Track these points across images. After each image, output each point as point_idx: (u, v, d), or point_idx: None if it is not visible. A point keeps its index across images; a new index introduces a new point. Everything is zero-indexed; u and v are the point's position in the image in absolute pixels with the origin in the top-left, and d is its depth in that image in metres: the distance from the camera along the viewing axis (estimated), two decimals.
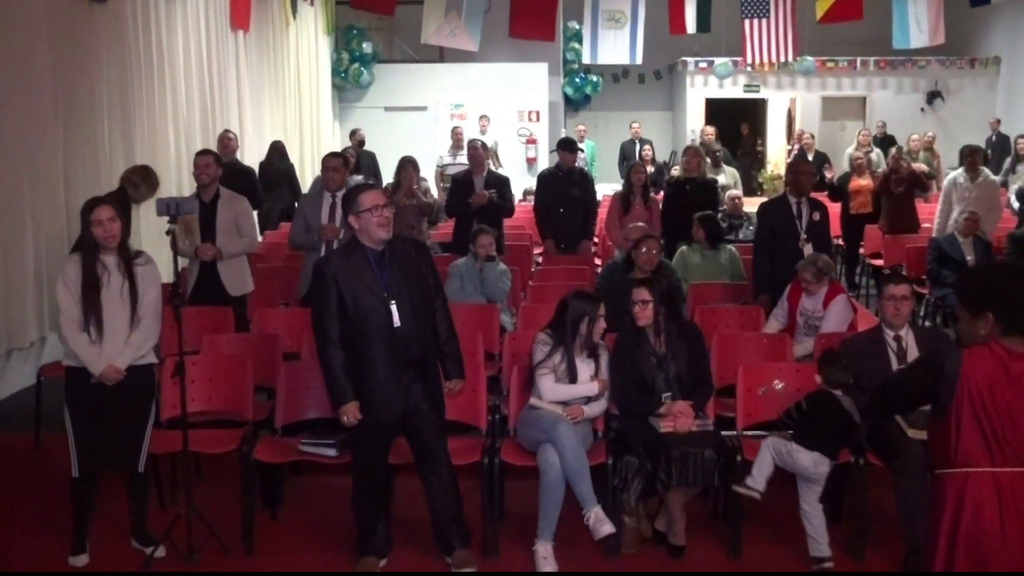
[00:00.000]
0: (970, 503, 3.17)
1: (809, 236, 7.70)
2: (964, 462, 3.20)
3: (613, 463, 5.42)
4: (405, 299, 5.01)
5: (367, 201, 4.98)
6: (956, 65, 20.76)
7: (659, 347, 5.71)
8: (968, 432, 3.19)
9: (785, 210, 7.82)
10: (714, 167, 13.02)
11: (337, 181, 7.73)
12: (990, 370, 3.19)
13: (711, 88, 20.54)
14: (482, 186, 9.69)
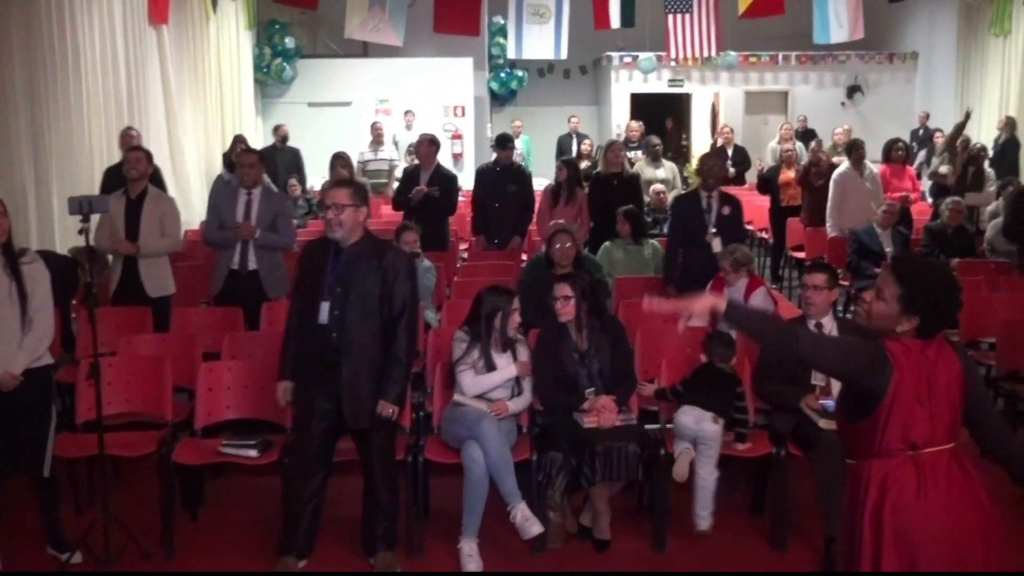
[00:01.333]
0: (893, 487, 3.22)
1: (718, 230, 7.76)
2: (887, 452, 3.24)
3: (538, 459, 5.41)
4: (343, 301, 4.97)
5: (328, 198, 5.09)
6: (875, 60, 21.09)
7: (581, 343, 5.72)
8: (895, 422, 3.22)
9: (695, 204, 7.90)
10: (653, 161, 13.07)
11: (253, 177, 7.60)
12: (914, 357, 3.24)
13: (636, 83, 20.63)
14: (427, 181, 9.65)
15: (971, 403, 3.32)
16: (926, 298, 3.25)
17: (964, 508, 3.23)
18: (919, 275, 3.29)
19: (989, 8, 17.83)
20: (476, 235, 10.14)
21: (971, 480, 3.28)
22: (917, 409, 3.22)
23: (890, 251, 9.54)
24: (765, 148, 16.30)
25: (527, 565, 5.34)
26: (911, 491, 3.21)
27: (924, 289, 3.26)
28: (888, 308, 3.28)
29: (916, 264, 3.38)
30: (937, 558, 3.19)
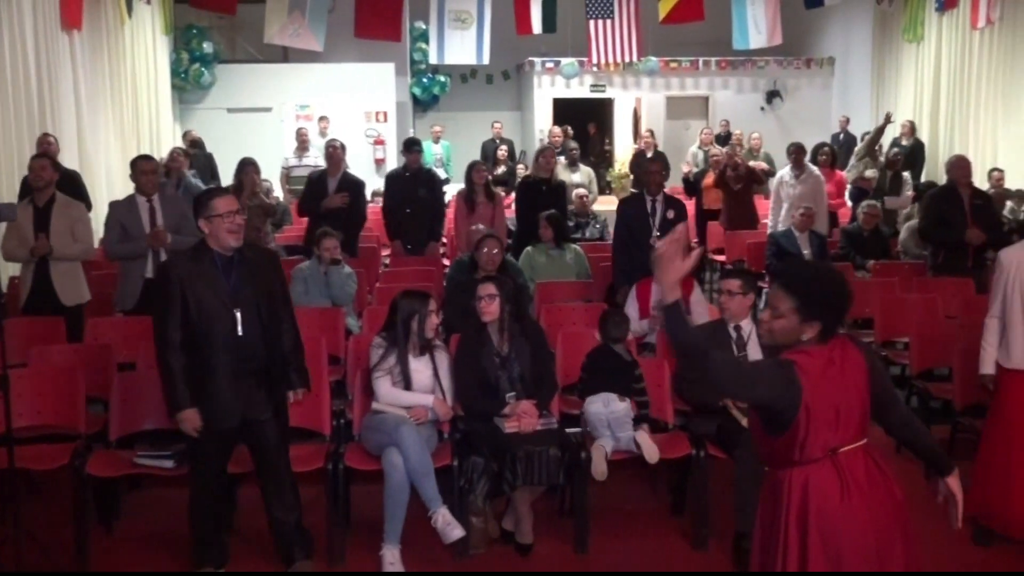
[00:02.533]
0: (816, 492, 3.26)
1: (662, 233, 7.80)
2: (808, 459, 3.27)
3: (459, 464, 5.40)
4: (251, 307, 4.90)
5: (220, 206, 4.87)
6: (793, 65, 21.40)
7: (502, 347, 5.71)
8: (814, 432, 3.25)
9: (639, 207, 7.93)
10: (570, 166, 13.11)
11: (153, 185, 7.47)
12: (823, 371, 3.27)
13: (558, 88, 20.70)
14: (335, 187, 9.57)
15: (877, 394, 3.38)
16: (821, 302, 3.30)
17: (883, 503, 3.30)
18: (808, 283, 3.33)
19: (902, 15, 18.20)
20: (391, 241, 10.08)
21: (885, 475, 3.35)
22: (832, 414, 3.26)
23: (807, 253, 9.70)
24: (687, 152, 16.45)
25: (450, 570, 5.32)
26: (835, 494, 3.25)
27: (817, 294, 3.30)
28: (788, 322, 3.32)
29: (801, 273, 3.42)
30: (863, 556, 3.24)
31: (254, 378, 4.95)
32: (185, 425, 4.88)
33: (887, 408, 3.45)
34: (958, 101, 16.82)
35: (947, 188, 8.62)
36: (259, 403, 4.98)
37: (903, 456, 6.65)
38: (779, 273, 3.44)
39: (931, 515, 5.70)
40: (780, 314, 3.32)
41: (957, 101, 16.86)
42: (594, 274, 8.65)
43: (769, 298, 3.38)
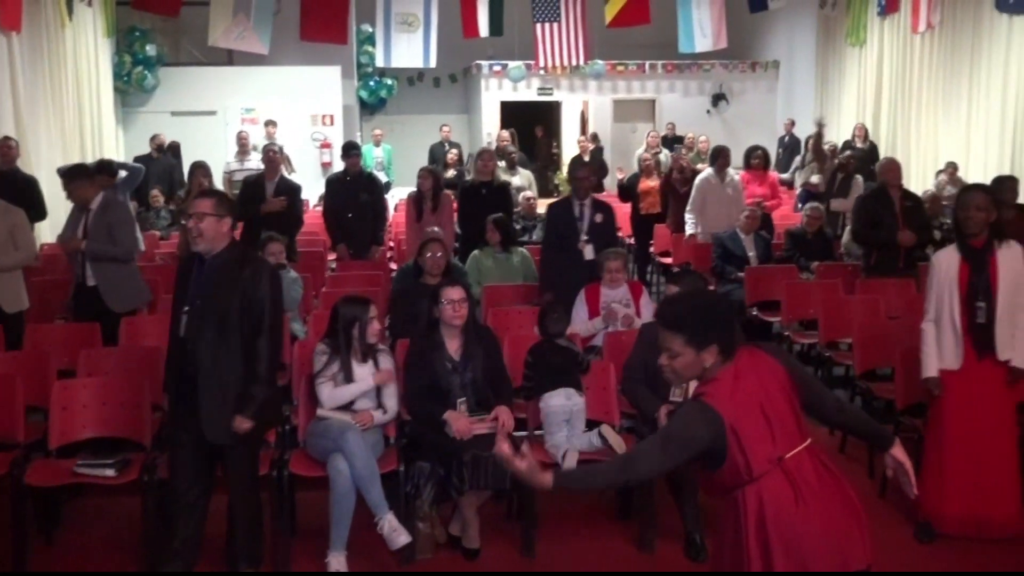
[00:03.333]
0: (771, 502, 3.25)
1: (591, 237, 7.83)
2: (756, 474, 3.27)
3: (405, 469, 5.38)
4: (202, 312, 4.83)
5: (190, 208, 4.95)
6: (738, 68, 21.60)
7: (456, 352, 5.69)
8: (753, 451, 3.25)
9: (567, 212, 7.95)
10: (509, 169, 13.12)
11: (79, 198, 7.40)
12: (735, 387, 3.27)
13: (505, 91, 20.74)
14: (273, 192, 9.50)
15: (803, 391, 3.39)
16: (707, 327, 3.30)
17: (837, 502, 3.31)
18: (687, 314, 3.34)
19: (845, 19, 18.44)
20: (336, 246, 10.04)
21: (835, 474, 3.37)
22: (763, 426, 3.26)
23: (752, 255, 9.77)
24: (633, 155, 16.53)
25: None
26: (790, 501, 3.25)
27: (700, 321, 3.31)
28: (686, 357, 3.31)
29: (677, 308, 3.41)
30: (826, 557, 3.24)
31: (206, 388, 4.87)
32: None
33: (817, 401, 3.47)
34: (900, 104, 17.07)
35: (878, 191, 8.73)
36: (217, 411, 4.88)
37: (847, 456, 6.77)
38: (659, 315, 3.43)
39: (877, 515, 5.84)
40: (676, 353, 3.32)
41: (899, 104, 17.10)
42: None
43: (660, 343, 3.36)
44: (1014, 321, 5.41)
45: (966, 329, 5.38)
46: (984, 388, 5.41)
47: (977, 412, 5.41)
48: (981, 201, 5.42)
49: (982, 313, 5.35)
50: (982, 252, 5.41)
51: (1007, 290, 5.37)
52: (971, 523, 5.45)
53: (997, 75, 14.46)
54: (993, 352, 5.39)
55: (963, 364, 5.41)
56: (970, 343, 5.39)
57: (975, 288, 5.36)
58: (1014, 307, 5.40)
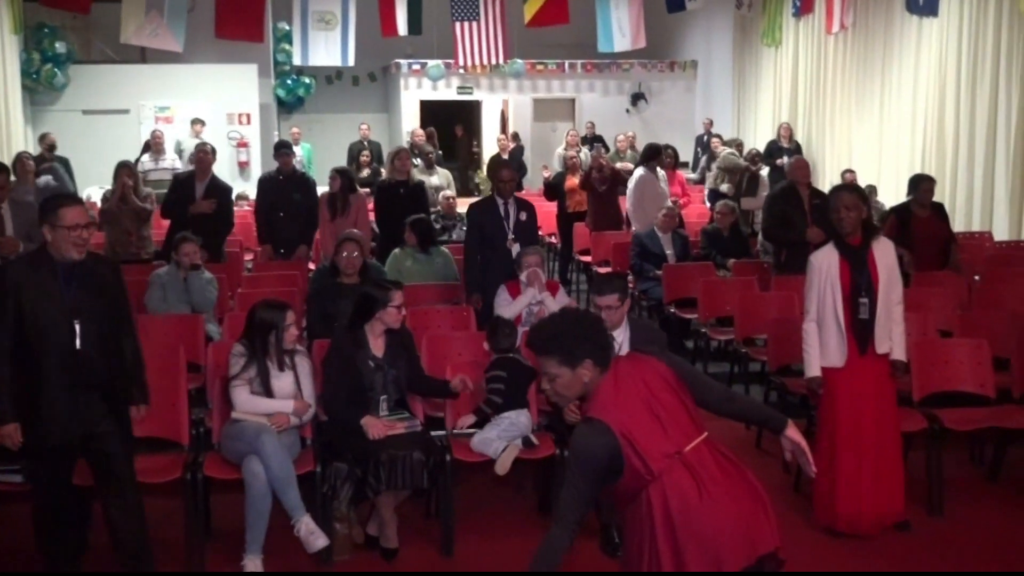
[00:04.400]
0: (674, 496, 3.29)
1: (516, 236, 7.83)
2: (657, 473, 3.30)
3: (322, 470, 5.33)
4: (91, 320, 4.68)
5: (68, 218, 4.60)
6: (657, 68, 21.77)
7: (379, 351, 5.66)
8: (648, 452, 3.29)
9: (492, 211, 7.92)
10: (427, 168, 13.09)
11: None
12: (617, 393, 3.34)
13: (425, 90, 20.67)
14: (203, 192, 9.38)
15: (690, 385, 3.47)
16: (576, 344, 3.37)
17: (741, 489, 3.37)
18: (554, 335, 3.42)
19: (761, 19, 18.70)
20: (262, 245, 9.93)
21: (735, 462, 3.44)
22: (654, 426, 3.32)
23: (670, 253, 9.87)
24: (554, 155, 16.59)
25: None
26: (693, 493, 3.29)
27: (569, 340, 3.38)
28: (564, 377, 3.38)
29: (544, 332, 3.48)
30: (736, 543, 3.29)
31: (95, 391, 4.74)
32: (4, 441, 4.62)
33: (705, 394, 3.53)
34: (815, 104, 17.36)
35: (787, 189, 8.86)
36: (100, 416, 4.76)
37: (763, 451, 6.87)
38: (529, 343, 3.52)
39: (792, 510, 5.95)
40: (553, 376, 3.39)
41: (814, 104, 17.39)
42: (461, 276, 8.63)
43: (540, 369, 3.46)
44: (890, 315, 5.56)
45: (849, 326, 5.48)
46: (868, 383, 5.53)
47: (862, 408, 5.51)
48: (849, 201, 5.56)
49: (865, 309, 5.47)
50: (860, 250, 5.53)
51: (885, 285, 5.52)
52: (858, 520, 5.54)
53: (908, 76, 14.78)
54: (873, 347, 5.51)
55: (846, 361, 5.51)
56: (852, 340, 5.50)
57: (858, 285, 5.48)
58: (890, 302, 5.55)
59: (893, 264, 5.61)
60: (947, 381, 6.35)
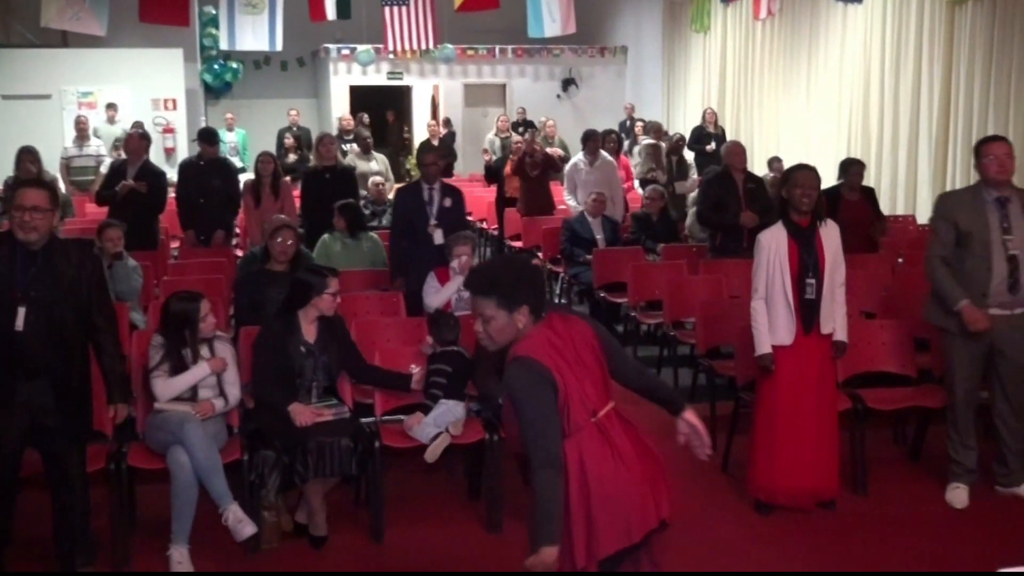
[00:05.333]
0: (590, 458, 3.37)
1: (440, 222, 7.80)
2: (576, 426, 3.38)
3: (249, 458, 5.28)
4: (41, 305, 4.61)
5: (18, 199, 4.63)
6: (588, 54, 21.83)
7: (311, 336, 5.61)
8: (573, 400, 3.36)
9: (417, 196, 7.90)
10: (364, 154, 13.00)
11: None
12: (548, 343, 3.39)
13: (355, 75, 20.53)
14: (134, 177, 9.24)
15: (610, 354, 3.57)
16: (516, 287, 3.42)
17: (646, 456, 3.50)
18: (495, 277, 3.46)
19: (690, 5, 18.83)
20: (185, 231, 9.81)
21: (637, 430, 3.57)
22: (580, 381, 3.40)
23: (600, 238, 9.90)
24: (484, 140, 16.56)
25: (242, 567, 5.20)
26: (608, 459, 3.38)
27: (508, 282, 3.43)
28: (499, 320, 3.41)
29: (485, 273, 3.55)
30: (646, 510, 3.40)
31: (40, 379, 4.68)
32: None
33: (621, 365, 3.66)
34: (743, 89, 17.54)
35: (722, 173, 8.95)
36: (48, 408, 4.70)
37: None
38: (469, 283, 3.54)
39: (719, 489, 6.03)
40: (489, 317, 3.41)
41: (742, 89, 17.57)
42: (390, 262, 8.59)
43: (474, 311, 3.46)
44: (834, 297, 5.62)
45: (796, 305, 5.55)
46: (811, 362, 5.60)
47: (805, 385, 5.58)
48: (815, 181, 5.61)
49: (812, 289, 5.53)
50: (808, 230, 5.58)
51: (830, 267, 5.58)
52: (798, 494, 5.64)
53: (834, 61, 14.98)
54: (818, 327, 5.57)
55: (793, 340, 5.57)
56: (798, 319, 5.56)
57: (805, 265, 5.52)
58: (834, 283, 5.61)
59: (838, 247, 5.66)
60: (870, 362, 6.45)
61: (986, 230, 5.52)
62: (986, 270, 5.52)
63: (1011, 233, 5.50)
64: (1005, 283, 5.50)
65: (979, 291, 5.54)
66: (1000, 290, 5.52)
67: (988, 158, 5.56)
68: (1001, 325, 5.57)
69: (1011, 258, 5.49)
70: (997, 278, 5.50)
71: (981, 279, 5.53)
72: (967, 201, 5.67)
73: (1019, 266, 5.49)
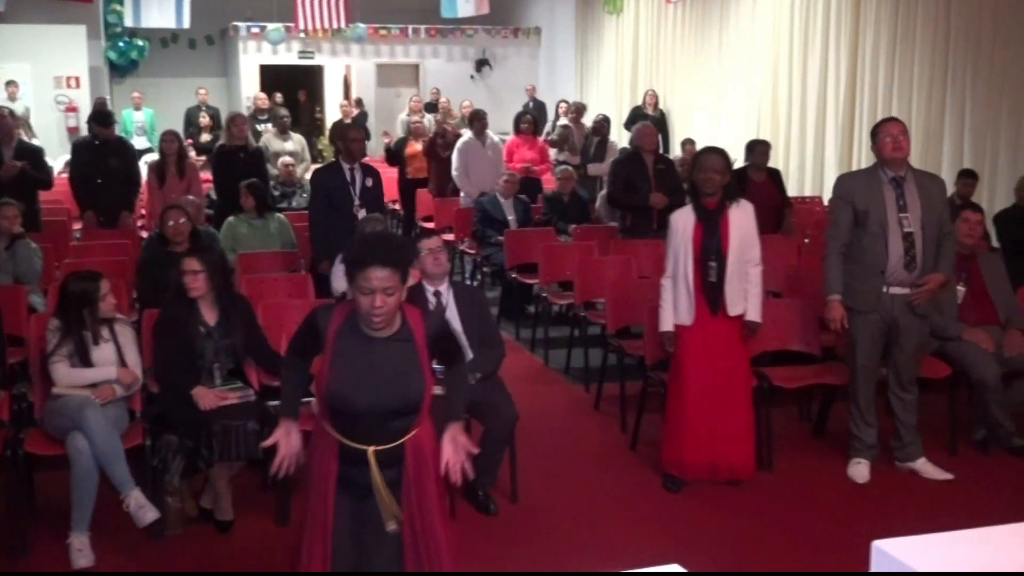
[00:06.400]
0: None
1: (363, 202, 7.73)
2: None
3: (152, 443, 5.17)
4: None
5: None
6: (501, 35, 21.81)
7: (211, 319, 5.51)
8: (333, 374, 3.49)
9: (339, 176, 7.80)
10: (281, 134, 12.85)
11: None
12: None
13: (265, 54, 20.24)
14: (12, 157, 8.97)
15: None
16: (409, 252, 3.64)
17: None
18: (398, 245, 3.57)
19: None
20: (83, 213, 9.58)
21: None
22: None
23: (512, 219, 9.90)
24: (397, 120, 16.47)
25: (146, 554, 5.09)
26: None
27: (405, 250, 3.59)
28: (400, 292, 3.44)
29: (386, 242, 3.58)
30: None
31: None
32: None
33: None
34: (655, 72, 17.65)
35: (632, 155, 9.00)
36: None
37: (600, 412, 6.95)
38: (377, 258, 3.39)
39: (627, 468, 6.08)
40: (393, 290, 3.39)
41: (654, 72, 17.68)
42: (301, 244, 8.49)
43: (371, 286, 3.37)
44: (744, 277, 5.67)
45: (699, 287, 5.59)
46: (719, 342, 5.66)
47: (714, 365, 5.65)
48: (718, 164, 5.65)
49: (713, 272, 5.58)
50: (715, 213, 5.62)
51: (737, 249, 5.62)
52: (709, 468, 5.72)
53: (744, 45, 15.16)
54: (725, 309, 5.63)
55: (698, 320, 5.63)
56: (703, 300, 5.61)
57: (707, 249, 5.58)
58: (743, 264, 5.66)
59: (750, 227, 5.69)
60: (776, 340, 6.54)
61: (883, 209, 5.62)
62: (884, 248, 5.61)
63: (907, 211, 5.61)
64: (902, 261, 5.61)
65: (878, 269, 5.64)
66: (898, 268, 5.63)
67: (884, 137, 5.65)
68: (899, 303, 5.68)
69: (907, 236, 5.59)
70: (894, 256, 5.61)
71: (880, 257, 5.63)
72: (864, 181, 5.75)
73: (915, 244, 5.60)
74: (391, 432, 3.51)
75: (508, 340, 8.58)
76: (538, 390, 7.61)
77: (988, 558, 1.18)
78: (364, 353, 3.47)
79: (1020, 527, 1.27)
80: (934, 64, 11.41)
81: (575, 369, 8.04)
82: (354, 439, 3.51)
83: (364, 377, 3.45)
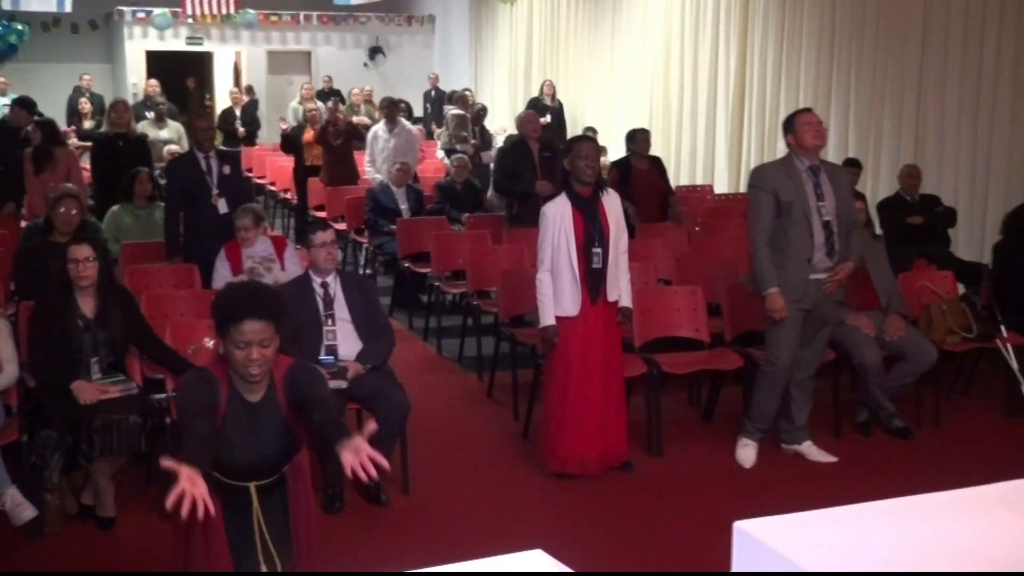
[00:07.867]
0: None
1: (222, 190, 7.56)
2: None
3: (29, 439, 5.01)
4: None
5: None
6: (395, 22, 21.65)
7: (90, 310, 5.35)
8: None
9: (194, 166, 7.61)
10: (158, 121, 12.59)
11: None
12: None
13: (152, 40, 19.76)
14: None
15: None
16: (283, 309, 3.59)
17: None
18: (275, 297, 3.61)
19: None
20: None
21: None
22: None
23: (405, 208, 9.84)
24: (288, 108, 16.24)
25: (24, 554, 4.94)
26: None
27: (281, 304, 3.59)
28: (274, 344, 3.44)
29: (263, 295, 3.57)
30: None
31: None
32: None
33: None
34: (549, 60, 17.69)
35: (517, 142, 9.00)
36: None
37: (494, 399, 6.95)
38: (258, 312, 3.38)
39: (519, 456, 6.09)
40: (270, 341, 3.41)
41: (548, 60, 17.73)
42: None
43: (253, 340, 3.35)
44: (618, 265, 5.73)
45: (583, 275, 5.61)
46: (598, 330, 5.69)
47: (593, 354, 5.67)
48: (593, 151, 5.69)
49: (599, 259, 5.60)
50: (591, 201, 5.65)
51: (615, 235, 5.67)
52: (588, 462, 5.72)
53: (636, 33, 15.27)
54: (604, 295, 5.67)
55: (580, 309, 5.64)
56: (585, 288, 5.63)
57: (591, 235, 5.59)
58: (618, 252, 5.71)
59: (620, 215, 5.76)
60: (665, 327, 6.62)
61: (804, 199, 5.67)
62: (808, 237, 5.68)
63: (824, 200, 5.70)
64: (824, 249, 5.70)
65: (804, 258, 5.70)
66: (821, 256, 5.72)
67: (804, 126, 5.69)
68: (820, 289, 5.78)
69: (826, 224, 5.68)
70: (818, 245, 5.69)
71: (805, 246, 5.69)
72: (783, 172, 5.76)
73: (834, 231, 5.70)
74: (271, 471, 3.64)
75: (401, 329, 8.55)
76: (431, 379, 7.58)
77: (850, 535, 1.19)
78: (249, 426, 3.51)
79: (883, 504, 1.29)
80: (820, 58, 11.64)
81: (468, 358, 8.03)
82: (235, 480, 3.59)
83: (250, 444, 3.52)
